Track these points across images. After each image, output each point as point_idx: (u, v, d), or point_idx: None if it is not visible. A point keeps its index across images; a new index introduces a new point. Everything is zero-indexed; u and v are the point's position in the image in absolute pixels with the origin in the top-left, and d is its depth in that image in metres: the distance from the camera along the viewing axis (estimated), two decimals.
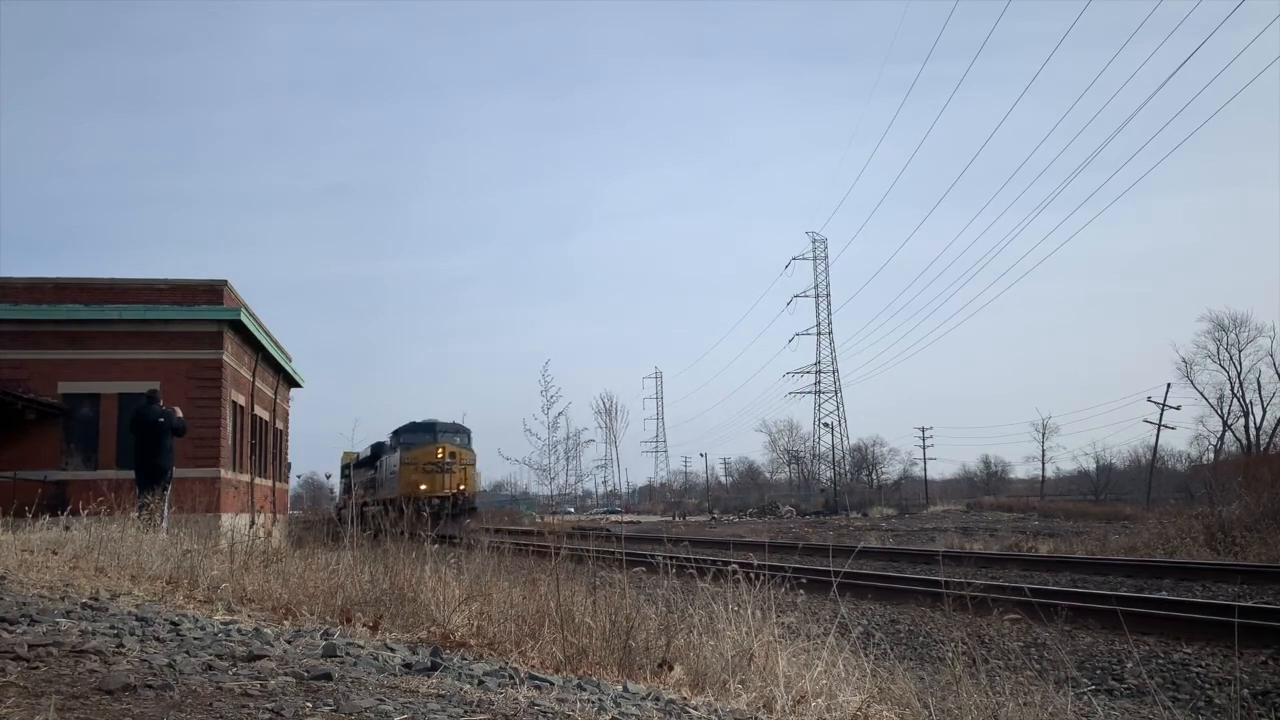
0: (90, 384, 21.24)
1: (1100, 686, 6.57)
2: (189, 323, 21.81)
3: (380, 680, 3.46)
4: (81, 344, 21.26)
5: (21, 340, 20.96)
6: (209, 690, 3.02)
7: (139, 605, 5.19)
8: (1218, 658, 7.25)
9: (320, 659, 3.81)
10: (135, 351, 21.41)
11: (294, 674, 3.36)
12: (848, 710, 3.86)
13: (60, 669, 3.21)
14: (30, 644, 3.50)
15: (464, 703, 3.16)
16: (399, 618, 5.48)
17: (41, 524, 10.38)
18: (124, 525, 8.87)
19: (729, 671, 4.25)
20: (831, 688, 4.10)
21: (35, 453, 20.46)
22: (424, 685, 3.42)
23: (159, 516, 10.34)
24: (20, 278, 21.87)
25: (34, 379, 20.55)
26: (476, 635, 5.10)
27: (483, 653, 4.62)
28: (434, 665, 3.87)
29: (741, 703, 3.86)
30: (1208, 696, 6.38)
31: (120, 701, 2.81)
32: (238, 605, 5.80)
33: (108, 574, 6.65)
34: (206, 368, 21.89)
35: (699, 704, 3.70)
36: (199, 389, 21.19)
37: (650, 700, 3.63)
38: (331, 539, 11.09)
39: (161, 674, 3.17)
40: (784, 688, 3.95)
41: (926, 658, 7.55)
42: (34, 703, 2.69)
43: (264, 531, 9.05)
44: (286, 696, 3.01)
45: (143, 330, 21.52)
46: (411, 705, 3.03)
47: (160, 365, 21.06)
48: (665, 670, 4.50)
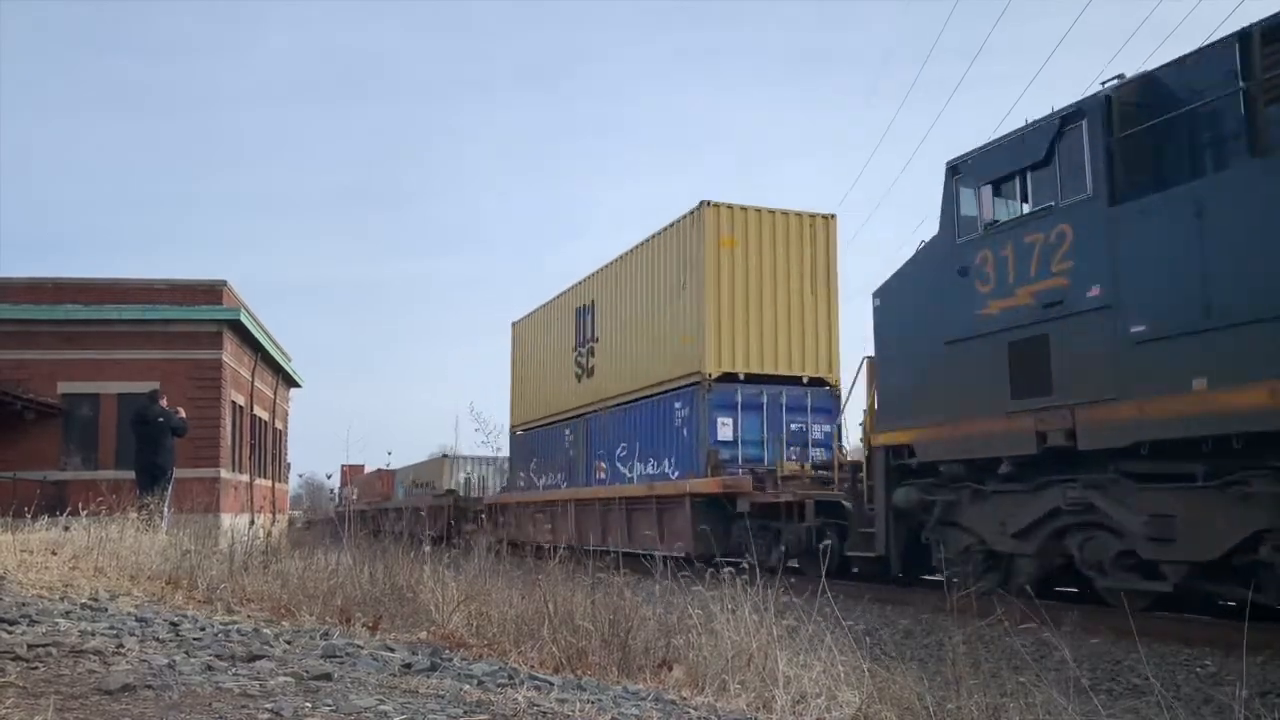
0: (89, 384, 21.23)
1: (1099, 686, 6.58)
2: (188, 323, 21.80)
3: (380, 680, 3.46)
4: (81, 344, 21.25)
5: (21, 340, 20.95)
6: (208, 690, 3.02)
7: (138, 605, 5.19)
8: (1218, 657, 7.25)
9: (320, 659, 3.81)
10: (135, 351, 21.39)
11: (294, 674, 3.36)
12: (848, 710, 3.86)
13: (59, 669, 3.21)
14: (30, 644, 3.50)
15: (463, 703, 3.16)
16: (398, 618, 5.48)
17: (41, 524, 10.38)
18: (123, 525, 8.87)
19: (729, 671, 4.25)
20: (831, 687, 4.10)
21: (35, 453, 20.45)
22: (424, 685, 3.42)
23: (159, 516, 10.34)
24: (20, 278, 21.87)
25: (34, 379, 20.53)
26: (476, 635, 5.10)
27: (482, 653, 4.62)
28: (433, 665, 3.87)
29: (741, 703, 3.86)
30: (1207, 695, 6.38)
31: (119, 702, 2.81)
32: (237, 605, 5.80)
33: (107, 574, 6.65)
34: (206, 368, 21.87)
35: (699, 704, 3.70)
36: (198, 389, 21.17)
37: (650, 700, 3.63)
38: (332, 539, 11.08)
39: (161, 674, 3.17)
40: (784, 687, 3.95)
41: (927, 658, 7.55)
42: (33, 703, 2.69)
43: (264, 531, 9.06)
44: (286, 696, 3.01)
45: (142, 330, 21.51)
46: (411, 705, 3.03)
47: (160, 365, 21.05)
48: (665, 670, 4.50)
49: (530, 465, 23.59)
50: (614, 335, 19.14)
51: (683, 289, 16.15)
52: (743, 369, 15.56)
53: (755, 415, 15.50)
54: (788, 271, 15.91)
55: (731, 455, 15.14)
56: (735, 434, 15.28)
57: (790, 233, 16.01)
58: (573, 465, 20.70)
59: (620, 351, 18.81)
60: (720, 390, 15.32)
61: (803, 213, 16.18)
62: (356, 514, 26.12)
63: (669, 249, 16.98)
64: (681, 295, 16.18)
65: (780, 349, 15.81)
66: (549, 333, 23.12)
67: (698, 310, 15.49)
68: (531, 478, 23.37)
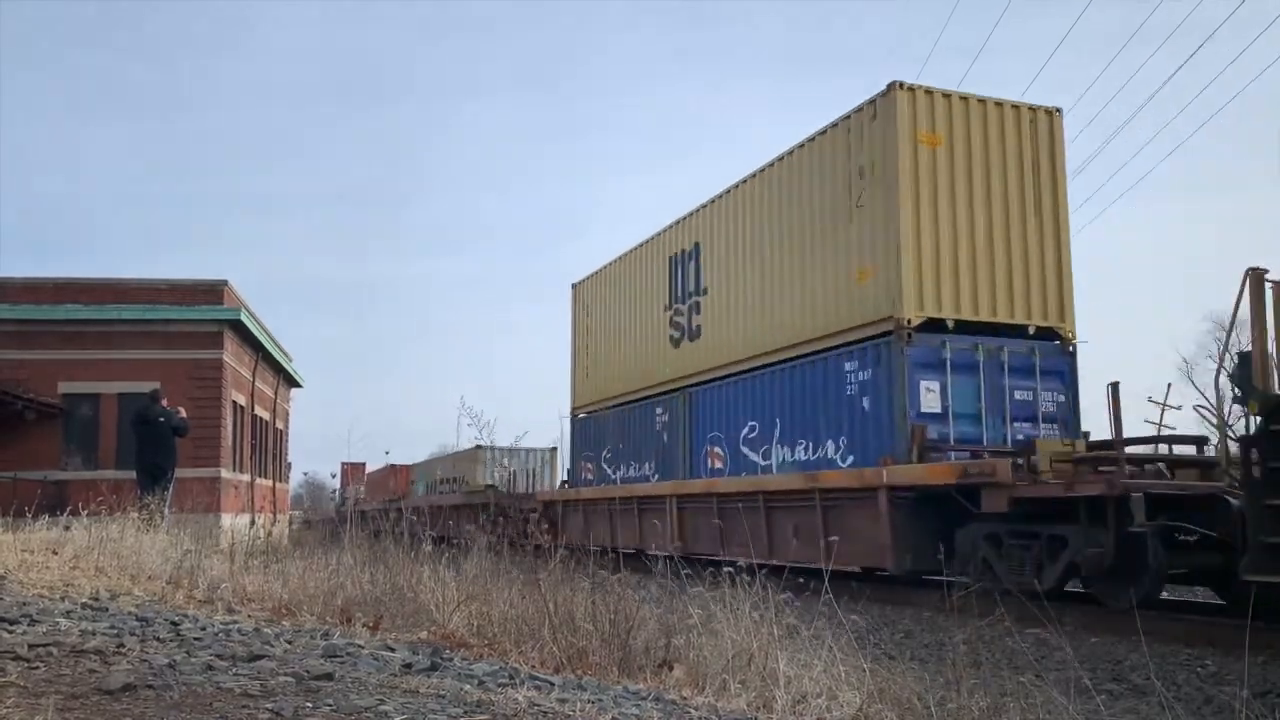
0: (90, 384, 21.24)
1: (1100, 686, 6.58)
2: (189, 323, 21.81)
3: (380, 680, 3.46)
4: (81, 344, 21.26)
5: (21, 340, 20.96)
6: (209, 690, 3.02)
7: (139, 605, 5.19)
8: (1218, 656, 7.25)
9: (320, 659, 3.81)
10: (135, 351, 21.40)
11: (294, 674, 3.36)
12: (848, 710, 3.86)
13: (60, 669, 3.21)
14: (30, 644, 3.50)
15: (464, 703, 3.16)
16: (399, 618, 5.48)
17: (41, 524, 10.38)
18: (124, 525, 8.87)
19: (729, 671, 4.25)
20: (832, 687, 4.11)
21: (35, 453, 20.46)
22: (424, 685, 3.42)
23: (159, 516, 10.34)
24: (20, 278, 21.88)
25: (34, 379, 20.54)
26: (476, 635, 5.10)
27: (483, 653, 4.62)
28: (434, 665, 3.87)
29: (741, 702, 3.86)
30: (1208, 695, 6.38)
31: (120, 702, 2.81)
32: (238, 605, 5.80)
33: (108, 574, 6.66)
34: (206, 368, 21.89)
35: (699, 704, 3.70)
36: (199, 389, 21.18)
37: (650, 700, 3.63)
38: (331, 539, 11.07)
39: (161, 674, 3.17)
40: (784, 687, 3.95)
41: (928, 658, 7.55)
42: (34, 703, 2.69)
43: (264, 531, 9.06)
44: (287, 696, 3.01)
45: (143, 330, 21.52)
46: (411, 705, 3.03)
47: (160, 365, 21.05)
48: (665, 670, 4.50)
49: (603, 454, 19.47)
50: (732, 284, 14.96)
51: (858, 208, 11.98)
52: (951, 315, 11.31)
53: (968, 378, 11.31)
54: (1004, 183, 11.76)
55: (941, 434, 11.11)
56: (944, 404, 11.18)
57: (1007, 131, 11.87)
58: (667, 452, 16.69)
59: (742, 304, 14.57)
60: (922, 344, 11.14)
61: (1021, 104, 12.09)
62: (370, 514, 24.73)
63: (831, 157, 12.61)
64: (856, 218, 12.02)
65: (999, 288, 11.61)
66: (629, 291, 18.86)
67: (887, 233, 11.39)
68: (604, 469, 19.35)
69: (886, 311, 11.33)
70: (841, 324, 12.18)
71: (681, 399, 16.25)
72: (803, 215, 13.18)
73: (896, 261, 11.21)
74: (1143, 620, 6.48)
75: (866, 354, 11.75)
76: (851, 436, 11.90)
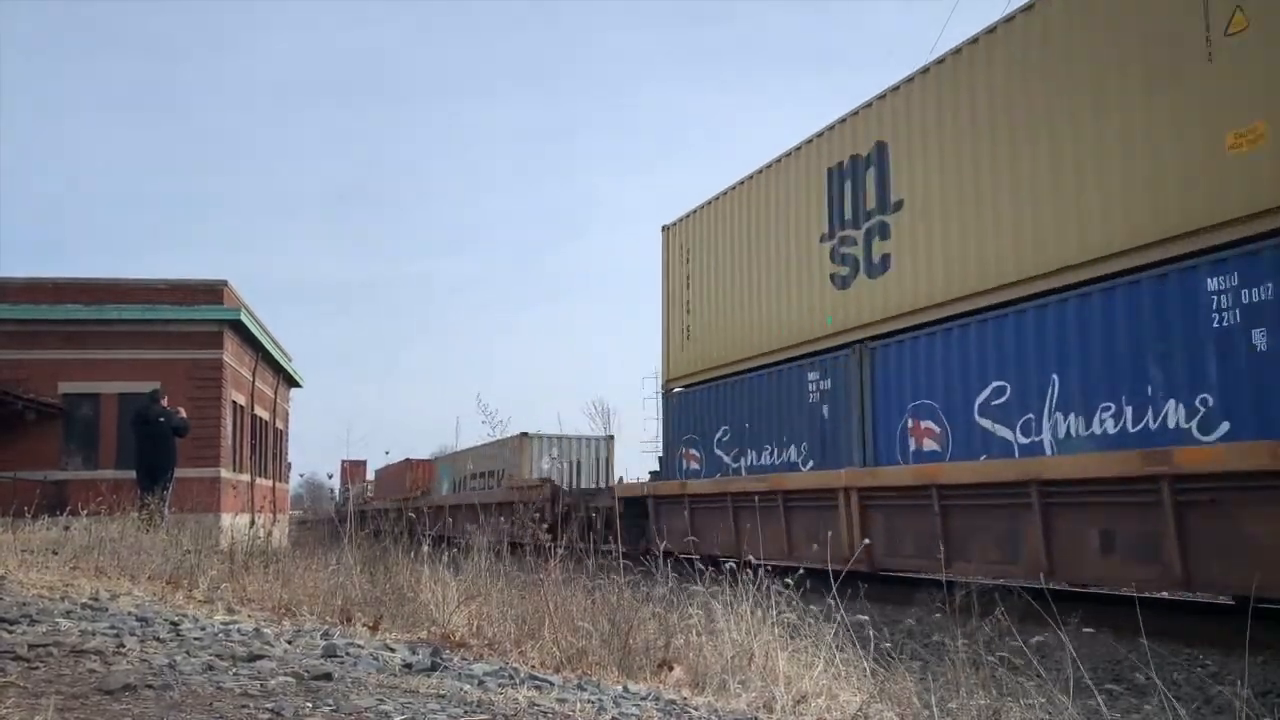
0: (90, 384, 21.24)
1: (1100, 686, 6.57)
2: (189, 323, 21.82)
3: (380, 680, 3.46)
4: (81, 344, 21.27)
5: (21, 340, 20.97)
6: (209, 690, 3.02)
7: (139, 605, 5.19)
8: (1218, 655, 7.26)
9: (320, 659, 3.80)
10: (135, 351, 21.41)
11: (294, 674, 3.36)
12: (848, 710, 3.85)
13: (60, 669, 3.21)
14: (30, 644, 3.50)
15: (464, 703, 3.16)
16: (399, 618, 5.47)
17: (41, 524, 10.39)
18: (124, 525, 8.87)
19: (729, 671, 4.25)
20: (832, 687, 4.10)
21: (35, 453, 20.48)
22: (424, 685, 3.42)
23: (159, 516, 10.34)
24: (20, 278, 21.89)
25: (34, 379, 20.55)
26: (476, 635, 5.10)
27: (483, 653, 4.61)
28: (434, 665, 3.87)
29: (742, 703, 3.86)
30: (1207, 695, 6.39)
31: (120, 702, 2.81)
32: (238, 605, 5.80)
33: (107, 574, 6.65)
34: (206, 368, 21.89)
35: (699, 704, 3.70)
36: (199, 389, 21.19)
37: (650, 700, 3.62)
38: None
39: (161, 674, 3.17)
40: (784, 687, 3.95)
41: (929, 657, 7.55)
42: (34, 703, 2.69)
43: (264, 531, 9.05)
44: (286, 696, 3.01)
45: (143, 330, 21.53)
46: (411, 705, 3.02)
47: (160, 365, 21.06)
48: (665, 670, 4.50)
49: (716, 437, 15.44)
50: (947, 191, 10.93)
51: (1228, 36, 7.81)
52: None
53: None
54: None
55: None
56: None
57: None
58: (827, 431, 12.77)
59: (971, 216, 10.55)
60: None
61: None
62: (382, 513, 23.55)
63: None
64: (1221, 54, 7.85)
65: None
66: (757, 222, 14.80)
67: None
68: (718, 455, 15.29)
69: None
70: (1191, 221, 8.02)
71: (854, 358, 12.23)
72: (1105, 63, 8.90)
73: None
74: (1143, 620, 6.49)
75: (1259, 263, 7.46)
76: (1225, 394, 7.66)
